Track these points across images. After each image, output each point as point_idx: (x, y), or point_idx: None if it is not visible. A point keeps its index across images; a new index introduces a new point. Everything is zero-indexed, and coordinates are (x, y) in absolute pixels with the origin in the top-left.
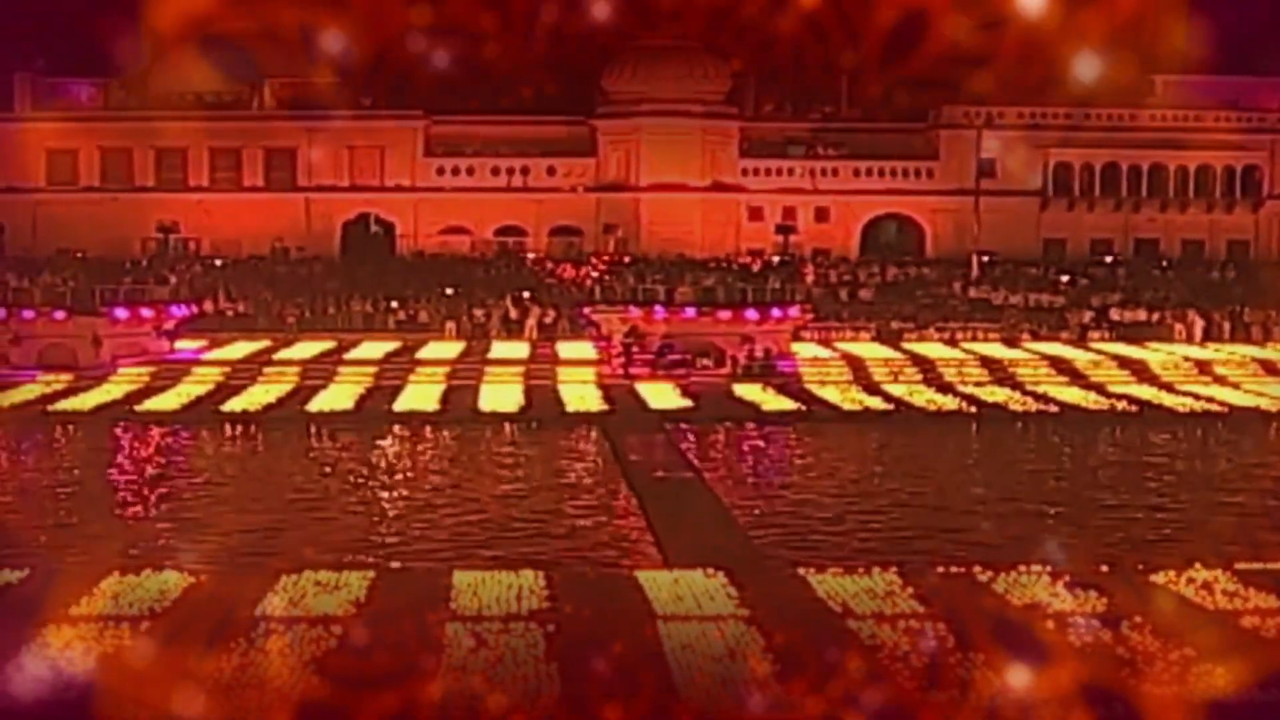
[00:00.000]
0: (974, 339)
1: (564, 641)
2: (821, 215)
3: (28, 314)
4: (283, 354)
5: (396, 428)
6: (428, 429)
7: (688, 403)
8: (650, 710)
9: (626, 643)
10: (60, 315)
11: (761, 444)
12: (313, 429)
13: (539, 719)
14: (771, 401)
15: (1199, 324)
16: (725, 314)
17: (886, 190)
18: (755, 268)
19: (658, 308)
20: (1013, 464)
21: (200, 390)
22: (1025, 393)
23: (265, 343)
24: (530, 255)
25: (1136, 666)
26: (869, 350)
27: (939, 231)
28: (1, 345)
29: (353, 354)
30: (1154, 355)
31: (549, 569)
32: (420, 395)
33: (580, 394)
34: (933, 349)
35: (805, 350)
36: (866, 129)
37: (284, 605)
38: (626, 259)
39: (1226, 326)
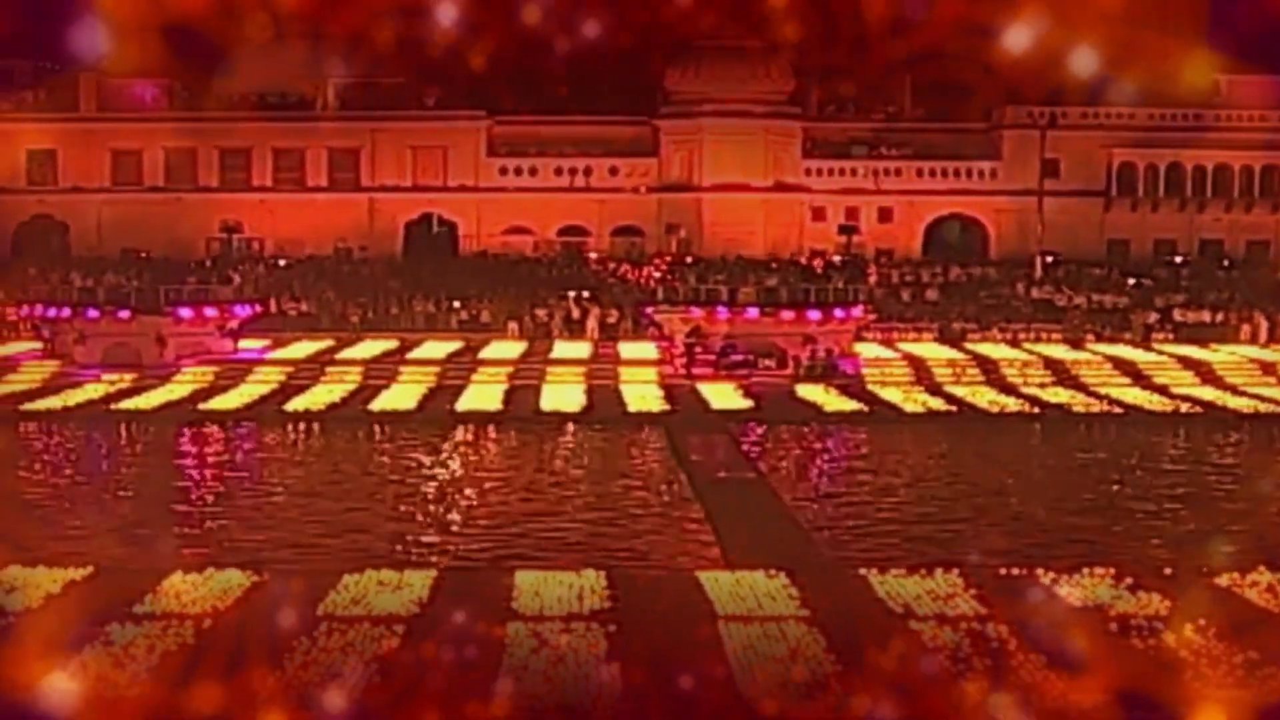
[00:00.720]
0: (1037, 340)
1: (625, 642)
2: (885, 215)
3: (93, 313)
4: (346, 353)
5: (459, 428)
6: (490, 429)
7: (749, 403)
8: (711, 711)
9: (688, 643)
10: (125, 314)
11: (823, 445)
12: (376, 429)
13: (600, 719)
14: (834, 402)
15: (1264, 325)
16: (788, 314)
17: (949, 190)
18: (818, 268)
19: (720, 308)
20: (1076, 465)
21: (263, 390)
22: (1088, 394)
23: (328, 342)
24: (592, 255)
25: (1200, 669)
26: (931, 351)
27: (1002, 232)
28: (66, 344)
29: (415, 354)
30: (1218, 356)
31: (611, 569)
32: (483, 395)
33: (642, 394)
34: (996, 350)
35: (868, 351)
36: (929, 129)
37: (347, 604)
38: (689, 259)
39: None
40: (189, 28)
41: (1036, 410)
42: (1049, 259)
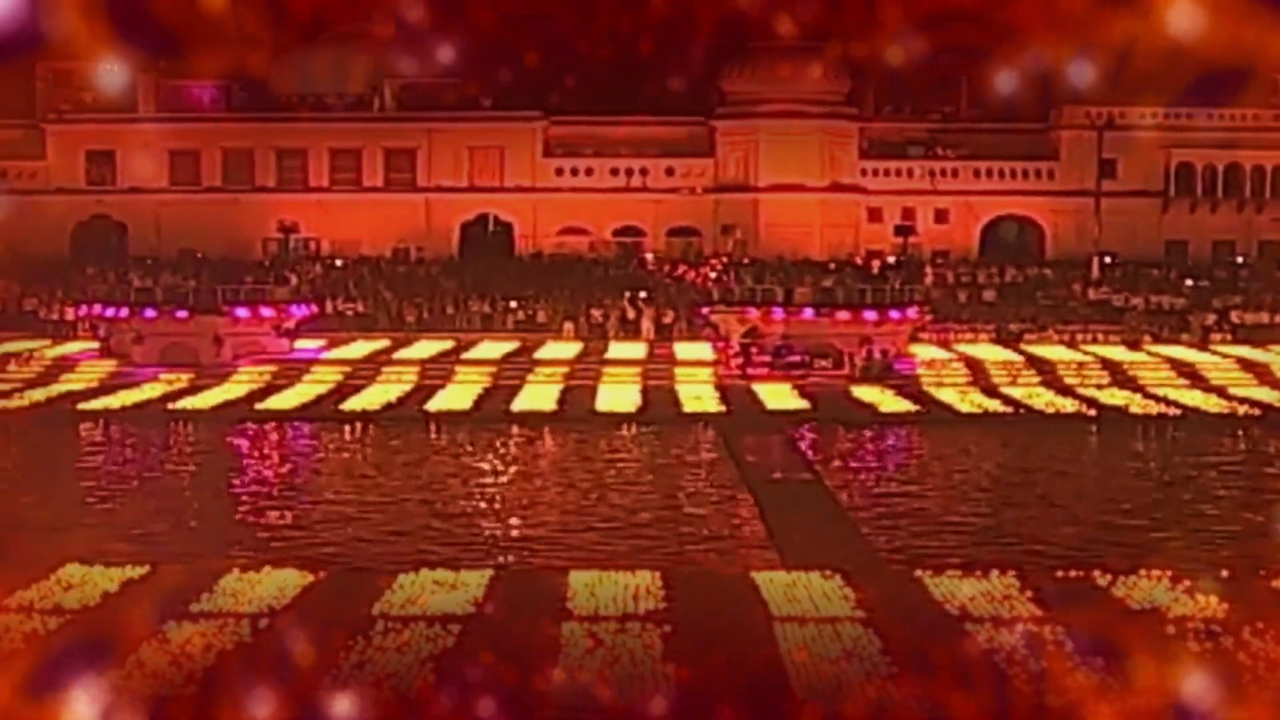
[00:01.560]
0: (1094, 341)
1: (680, 642)
2: (941, 216)
3: (150, 313)
4: (402, 353)
5: (514, 428)
6: (545, 429)
7: (805, 404)
8: (766, 712)
9: (742, 644)
10: (182, 314)
11: (879, 446)
12: (431, 428)
13: (655, 719)
14: (889, 403)
15: None
16: (844, 315)
17: (1006, 191)
18: (874, 269)
19: (776, 308)
20: (1133, 467)
21: (320, 389)
22: (1146, 395)
23: (384, 342)
24: (648, 256)
25: (1259, 673)
26: (988, 352)
27: (1059, 232)
28: (124, 344)
29: (471, 354)
30: (1277, 358)
31: (665, 569)
32: (538, 395)
33: (697, 395)
34: (1052, 351)
35: (924, 352)
36: (986, 129)
37: (402, 604)
38: (745, 260)
39: None
40: (248, 28)
41: (1093, 412)
42: (1106, 260)
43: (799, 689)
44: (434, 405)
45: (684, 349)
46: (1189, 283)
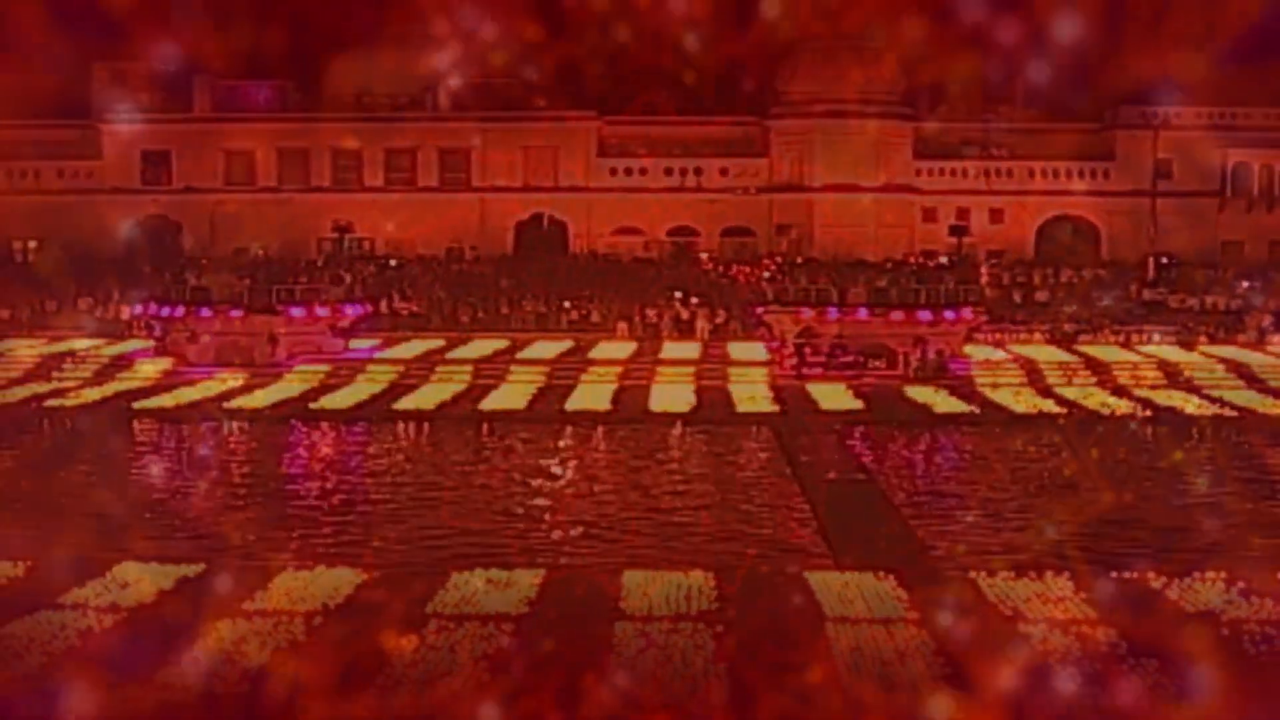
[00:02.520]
0: (1150, 342)
1: (733, 642)
2: (996, 216)
3: (205, 312)
4: (456, 353)
5: (568, 427)
6: (599, 429)
7: (859, 404)
8: (819, 712)
9: (795, 644)
10: (237, 314)
11: (933, 446)
12: (485, 428)
13: (707, 719)
14: (943, 403)
15: None
16: (898, 315)
17: (1061, 191)
18: (929, 268)
19: (830, 308)
20: (1188, 468)
21: (374, 388)
22: (1202, 396)
23: (439, 342)
24: (702, 255)
25: None
26: (1042, 353)
27: (1114, 233)
28: (180, 343)
29: (525, 353)
30: None
31: (718, 570)
32: (592, 395)
33: (751, 395)
34: (1107, 352)
35: (978, 352)
36: (1041, 129)
37: (456, 603)
38: (799, 260)
39: None
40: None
41: (1149, 413)
42: (1162, 260)
43: (851, 690)
44: (488, 405)
45: (738, 349)
46: (1245, 283)
